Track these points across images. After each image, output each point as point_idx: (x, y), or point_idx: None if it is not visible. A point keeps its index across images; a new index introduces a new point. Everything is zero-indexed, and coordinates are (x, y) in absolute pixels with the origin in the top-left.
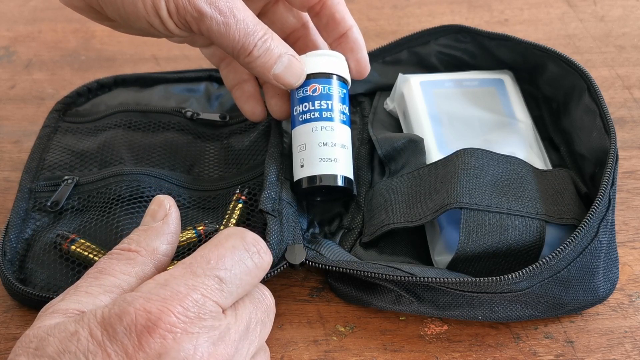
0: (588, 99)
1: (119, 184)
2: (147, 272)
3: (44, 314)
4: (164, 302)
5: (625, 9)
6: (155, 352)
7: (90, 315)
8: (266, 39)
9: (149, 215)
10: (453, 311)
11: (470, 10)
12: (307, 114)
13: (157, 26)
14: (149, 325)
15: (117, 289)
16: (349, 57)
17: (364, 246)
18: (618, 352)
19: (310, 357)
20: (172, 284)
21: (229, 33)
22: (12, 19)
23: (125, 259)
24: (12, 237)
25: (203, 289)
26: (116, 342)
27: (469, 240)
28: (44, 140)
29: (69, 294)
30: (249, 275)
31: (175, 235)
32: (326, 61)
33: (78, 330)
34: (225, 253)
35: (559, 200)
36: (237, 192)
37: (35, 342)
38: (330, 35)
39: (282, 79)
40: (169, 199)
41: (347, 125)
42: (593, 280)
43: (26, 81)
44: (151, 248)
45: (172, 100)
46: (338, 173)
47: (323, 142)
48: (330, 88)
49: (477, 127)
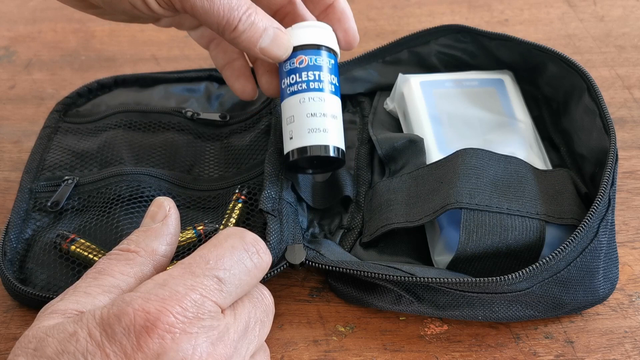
0: (588, 99)
1: (119, 184)
2: (146, 272)
3: (43, 315)
4: (162, 303)
5: (625, 9)
6: (154, 353)
7: (89, 316)
8: (250, 13)
9: (148, 216)
10: (453, 311)
11: (470, 10)
12: (295, 85)
13: (139, 7)
14: (147, 325)
15: (116, 289)
16: (336, 28)
17: (364, 246)
18: (618, 352)
19: (310, 357)
20: (170, 284)
21: (212, 9)
22: (12, 19)
23: (124, 259)
24: (12, 237)
25: (202, 289)
26: (115, 343)
27: (469, 240)
28: (44, 141)
29: (67, 294)
30: (248, 276)
31: (174, 237)
32: (313, 32)
33: (77, 330)
34: (225, 253)
35: (559, 200)
36: (236, 191)
37: (34, 342)
38: (316, 7)
39: (269, 52)
40: (168, 200)
41: (337, 95)
42: (593, 280)
43: (26, 81)
44: (150, 249)
45: (172, 100)
46: (329, 143)
47: (312, 113)
48: (318, 59)
49: (477, 127)
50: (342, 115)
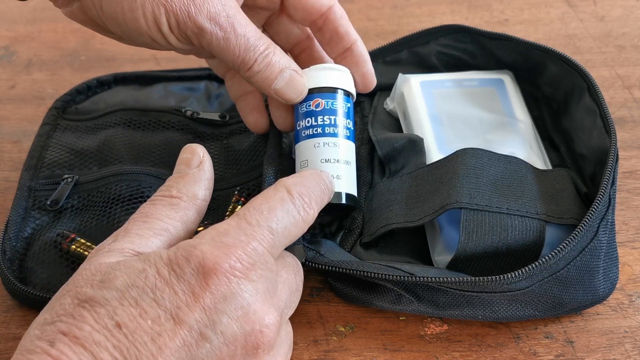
0: (588, 99)
1: (118, 183)
2: (190, 216)
3: (99, 253)
4: (228, 248)
5: (625, 9)
6: (221, 294)
7: (156, 256)
8: (267, 54)
9: (182, 163)
10: (453, 311)
11: (470, 10)
12: (310, 129)
13: (159, 40)
14: (216, 267)
15: (166, 232)
16: (354, 71)
17: (364, 246)
18: (618, 352)
19: (310, 357)
20: (232, 233)
21: (229, 48)
22: (12, 19)
23: (168, 204)
24: (12, 236)
25: (260, 239)
26: (183, 281)
27: (469, 240)
28: (43, 138)
29: (119, 236)
30: (296, 227)
31: (211, 181)
32: (330, 75)
33: (145, 268)
34: (276, 205)
35: (559, 200)
36: (235, 193)
37: (99, 275)
38: (334, 50)
39: (283, 94)
40: (201, 146)
41: (352, 140)
42: (593, 280)
43: (26, 81)
44: (191, 194)
45: (171, 99)
46: (342, 191)
47: (326, 159)
48: (334, 103)
49: (477, 127)
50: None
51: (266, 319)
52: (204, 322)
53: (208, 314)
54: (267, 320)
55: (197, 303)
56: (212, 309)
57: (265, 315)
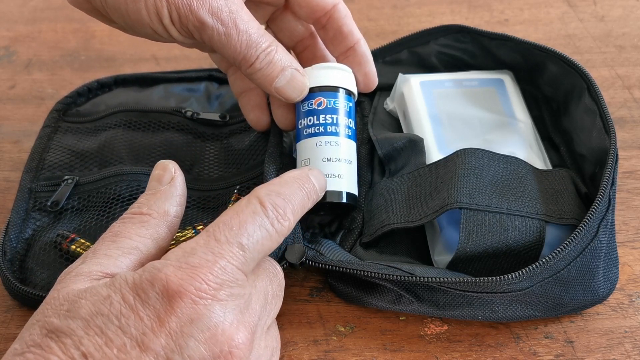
0: (588, 99)
1: (118, 183)
2: (161, 233)
3: (67, 277)
4: (193, 270)
5: (625, 9)
6: (187, 317)
7: (121, 281)
8: (270, 51)
9: (154, 180)
10: (453, 311)
11: (470, 10)
12: (312, 128)
13: (160, 33)
14: (180, 291)
15: (135, 250)
16: (356, 71)
17: (364, 246)
18: (618, 352)
19: (310, 357)
20: (199, 252)
21: (230, 44)
22: (12, 19)
23: (138, 222)
24: (12, 237)
25: (229, 257)
26: (148, 306)
27: (469, 240)
28: (44, 140)
29: (88, 257)
30: (270, 241)
31: (183, 197)
32: (333, 74)
33: (110, 294)
34: (247, 219)
35: (559, 200)
36: (235, 191)
37: (66, 304)
38: (337, 48)
39: (284, 93)
40: (172, 163)
41: (353, 139)
42: (593, 280)
43: (26, 81)
44: (162, 210)
45: (172, 100)
46: (342, 190)
47: (327, 158)
48: (336, 102)
49: (477, 127)
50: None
51: (235, 338)
52: (171, 347)
53: (174, 338)
54: (237, 340)
55: (163, 328)
56: (179, 333)
57: (234, 335)
